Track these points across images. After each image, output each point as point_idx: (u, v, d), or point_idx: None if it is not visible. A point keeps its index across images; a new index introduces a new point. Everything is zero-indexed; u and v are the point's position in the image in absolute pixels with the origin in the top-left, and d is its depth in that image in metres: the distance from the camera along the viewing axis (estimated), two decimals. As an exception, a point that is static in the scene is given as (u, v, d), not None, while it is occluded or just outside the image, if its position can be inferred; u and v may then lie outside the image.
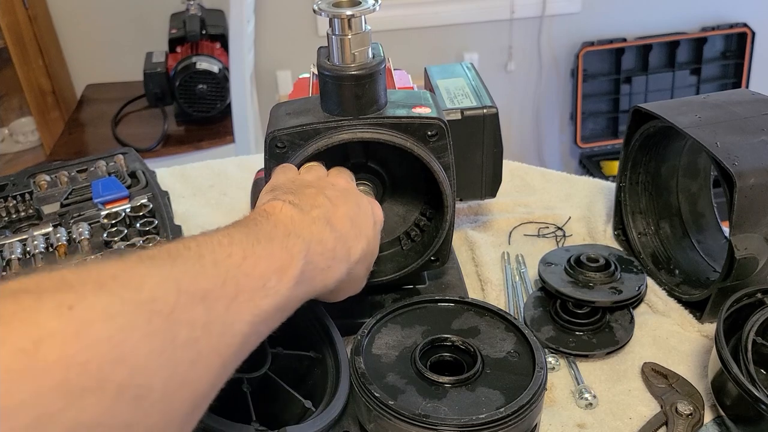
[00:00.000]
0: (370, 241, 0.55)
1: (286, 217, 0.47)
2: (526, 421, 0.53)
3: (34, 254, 0.78)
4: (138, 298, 0.32)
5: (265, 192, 0.55)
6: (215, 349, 0.35)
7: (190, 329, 0.33)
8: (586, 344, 0.68)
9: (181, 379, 0.32)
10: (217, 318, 0.35)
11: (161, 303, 0.33)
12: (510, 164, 1.02)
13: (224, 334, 0.36)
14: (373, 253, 0.57)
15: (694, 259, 0.81)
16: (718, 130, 0.69)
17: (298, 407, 0.54)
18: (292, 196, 0.51)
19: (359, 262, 0.53)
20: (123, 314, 0.31)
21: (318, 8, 0.58)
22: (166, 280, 0.34)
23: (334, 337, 0.60)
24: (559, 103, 2.61)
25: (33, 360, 0.26)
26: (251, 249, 0.41)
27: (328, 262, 0.48)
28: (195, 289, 0.35)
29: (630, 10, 2.45)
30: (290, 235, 0.45)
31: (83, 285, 0.31)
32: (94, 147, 1.93)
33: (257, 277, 0.40)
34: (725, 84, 2.54)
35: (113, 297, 0.31)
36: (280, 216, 0.47)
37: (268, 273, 0.41)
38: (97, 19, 2.27)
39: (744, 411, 0.55)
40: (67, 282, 0.31)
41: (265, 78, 2.40)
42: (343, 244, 0.51)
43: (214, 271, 0.37)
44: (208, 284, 0.36)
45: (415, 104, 0.63)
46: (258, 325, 0.39)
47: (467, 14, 2.41)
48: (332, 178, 0.58)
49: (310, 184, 0.55)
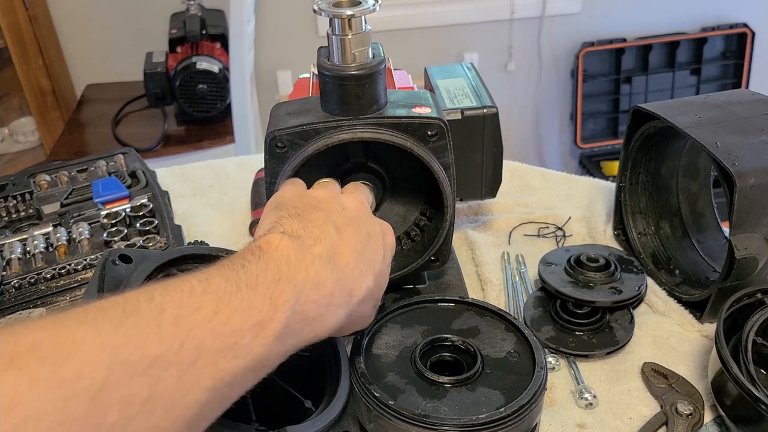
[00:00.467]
0: (378, 276, 0.50)
1: (281, 256, 0.42)
2: (526, 421, 0.53)
3: (34, 254, 0.78)
4: (56, 376, 0.27)
5: (269, 209, 0.51)
6: (157, 425, 0.30)
7: (124, 407, 0.29)
8: (586, 344, 0.69)
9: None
10: (164, 391, 0.31)
11: (86, 380, 0.28)
12: (510, 164, 1.02)
13: (172, 407, 0.31)
14: (380, 288, 0.52)
15: (694, 259, 0.81)
16: (718, 130, 0.69)
17: (298, 407, 0.54)
18: (297, 222, 0.47)
19: (363, 301, 0.48)
20: (31, 400, 0.26)
21: (318, 8, 0.58)
22: (100, 348, 0.29)
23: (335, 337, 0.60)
24: (559, 103, 2.61)
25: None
26: (227, 299, 0.36)
27: (321, 310, 0.43)
28: (138, 357, 0.30)
29: (630, 10, 2.45)
30: (279, 281, 0.40)
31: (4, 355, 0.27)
32: (94, 147, 1.93)
33: (227, 335, 0.34)
34: (725, 84, 2.54)
35: (22, 377, 0.26)
36: (274, 255, 0.42)
37: (242, 329, 0.35)
38: (97, 19, 2.27)
39: (744, 411, 0.55)
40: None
41: (265, 78, 2.40)
42: (343, 287, 0.45)
43: (171, 330, 0.32)
44: (159, 349, 0.31)
45: (415, 104, 0.63)
46: (221, 390, 0.34)
47: (467, 14, 2.41)
48: (345, 199, 0.54)
49: (318, 206, 0.51)
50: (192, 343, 0.32)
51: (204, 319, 0.34)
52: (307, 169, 0.61)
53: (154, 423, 0.30)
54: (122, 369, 0.29)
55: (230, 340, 0.34)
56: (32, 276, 0.74)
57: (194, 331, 0.33)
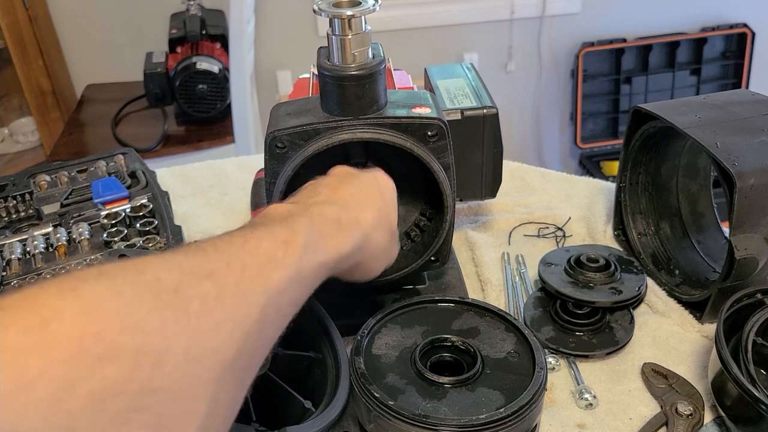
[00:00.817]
0: (381, 208, 0.54)
1: (283, 209, 0.48)
2: (526, 422, 0.53)
3: (34, 254, 0.78)
4: (141, 279, 0.32)
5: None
6: (232, 319, 0.35)
7: (202, 301, 0.34)
8: (586, 344, 0.69)
9: (202, 346, 0.33)
10: (228, 291, 0.36)
11: (166, 282, 0.33)
12: (510, 164, 1.02)
13: (239, 305, 0.36)
14: (389, 218, 0.56)
15: (694, 260, 0.81)
16: (718, 130, 0.69)
17: (298, 407, 0.54)
18: (290, 198, 0.52)
19: (375, 229, 0.53)
20: (128, 292, 0.31)
21: (318, 8, 0.58)
22: (168, 263, 0.35)
23: (334, 337, 0.60)
24: (559, 103, 2.61)
25: (43, 335, 0.27)
26: (251, 234, 0.41)
27: (334, 229, 0.48)
28: (199, 270, 0.35)
29: (630, 10, 2.45)
30: (289, 218, 0.46)
31: (85, 273, 0.31)
32: (94, 147, 1.93)
33: (261, 254, 0.40)
34: (725, 84, 2.54)
35: (116, 279, 0.31)
36: (275, 212, 0.47)
37: (273, 249, 0.41)
38: (97, 19, 2.27)
39: (744, 411, 0.55)
40: (68, 275, 0.31)
41: (265, 78, 2.40)
42: (347, 213, 0.50)
43: (216, 255, 0.38)
44: (212, 266, 0.36)
45: (415, 104, 0.63)
46: (274, 298, 0.39)
47: (467, 14, 2.40)
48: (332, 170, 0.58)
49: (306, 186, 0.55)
50: (236, 262, 0.38)
51: (238, 246, 0.39)
52: (307, 170, 0.61)
53: (228, 316, 0.35)
54: (190, 275, 0.35)
55: (265, 257, 0.40)
56: (32, 276, 0.74)
57: (233, 255, 0.38)
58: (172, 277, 0.34)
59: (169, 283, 0.33)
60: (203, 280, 0.35)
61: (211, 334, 0.33)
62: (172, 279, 0.33)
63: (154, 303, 0.31)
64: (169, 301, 0.32)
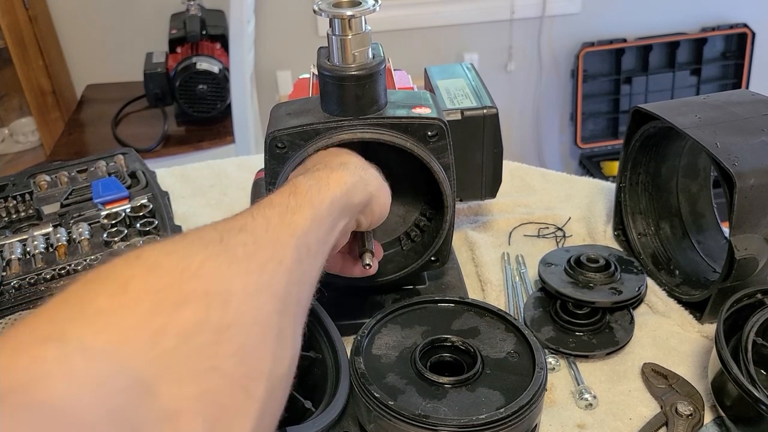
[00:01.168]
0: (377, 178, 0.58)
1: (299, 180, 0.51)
2: (526, 422, 0.53)
3: (34, 254, 0.78)
4: (185, 240, 0.38)
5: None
6: (273, 258, 0.40)
7: (244, 247, 0.38)
8: (586, 345, 0.68)
9: (256, 284, 0.37)
10: (262, 238, 0.41)
11: (208, 237, 0.38)
12: (510, 164, 1.02)
13: (274, 247, 0.40)
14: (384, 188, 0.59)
15: (694, 260, 0.81)
16: (718, 130, 0.69)
17: (298, 407, 0.54)
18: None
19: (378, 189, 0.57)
20: (179, 249, 0.36)
21: (318, 8, 0.58)
22: (203, 227, 0.40)
23: (334, 337, 0.60)
24: (559, 103, 2.61)
25: (127, 295, 0.32)
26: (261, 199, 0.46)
27: (328, 171, 0.53)
28: (232, 226, 0.40)
29: (630, 10, 2.45)
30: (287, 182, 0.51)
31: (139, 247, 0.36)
32: (94, 147, 1.93)
33: (276, 206, 0.45)
34: (725, 84, 2.54)
35: (164, 244, 0.36)
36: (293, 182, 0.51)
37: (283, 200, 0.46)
38: (97, 19, 2.27)
39: (744, 411, 0.55)
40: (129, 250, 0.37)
41: (265, 78, 2.40)
42: (333, 160, 0.56)
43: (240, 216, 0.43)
44: (240, 222, 0.41)
45: (415, 104, 0.63)
46: (301, 238, 0.43)
47: (467, 14, 2.40)
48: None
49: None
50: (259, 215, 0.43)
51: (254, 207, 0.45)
52: None
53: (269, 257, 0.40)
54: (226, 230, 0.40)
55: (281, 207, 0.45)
56: (32, 276, 0.74)
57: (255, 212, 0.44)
58: (213, 233, 0.39)
59: (211, 238, 0.38)
60: (238, 233, 0.40)
61: (261, 272, 0.38)
62: (212, 235, 0.38)
63: (206, 253, 0.36)
64: (218, 250, 0.37)
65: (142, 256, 0.34)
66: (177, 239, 0.37)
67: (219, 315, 0.34)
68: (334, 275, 0.63)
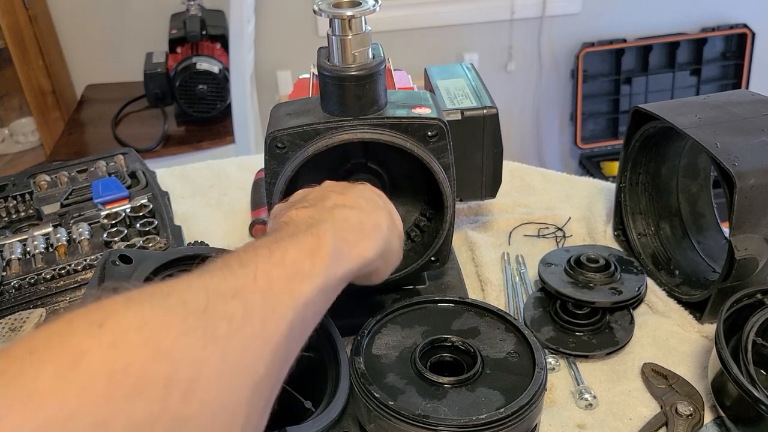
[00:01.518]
0: (391, 212, 0.55)
1: (304, 215, 0.47)
2: (526, 422, 0.53)
3: (34, 254, 0.78)
4: (167, 303, 0.33)
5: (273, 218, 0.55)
6: (261, 336, 0.35)
7: (229, 321, 0.34)
8: (586, 345, 0.68)
9: (233, 369, 0.33)
10: (255, 308, 0.36)
11: (192, 304, 0.33)
12: (510, 164, 1.02)
13: (267, 320, 0.36)
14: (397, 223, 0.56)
15: (694, 260, 0.81)
16: (718, 130, 0.69)
17: (298, 407, 0.54)
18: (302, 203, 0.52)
19: (391, 231, 0.52)
20: (155, 318, 0.31)
21: (318, 9, 0.58)
22: (192, 285, 0.35)
23: (334, 337, 0.60)
24: (559, 103, 2.61)
25: (76, 375, 0.28)
26: (276, 245, 0.41)
27: (358, 235, 0.48)
28: (225, 289, 0.36)
29: (630, 10, 2.45)
30: (313, 225, 0.45)
31: (112, 302, 0.32)
32: (94, 147, 1.93)
33: (288, 265, 0.40)
34: (725, 85, 2.54)
35: (142, 306, 0.32)
36: (297, 219, 0.47)
37: (300, 259, 0.40)
38: (97, 19, 2.27)
39: (744, 412, 0.55)
40: (96, 303, 0.32)
41: (265, 78, 2.40)
42: (367, 217, 0.50)
43: (242, 271, 0.38)
44: (238, 283, 0.36)
45: (415, 105, 0.63)
46: (301, 311, 0.39)
47: (467, 14, 2.40)
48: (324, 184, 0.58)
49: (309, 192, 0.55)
50: (262, 276, 0.37)
51: (264, 258, 0.39)
52: (307, 170, 0.61)
53: (257, 334, 0.35)
54: (216, 295, 0.35)
55: (292, 269, 0.40)
56: (32, 276, 0.74)
57: (260, 268, 0.38)
58: (199, 299, 0.34)
59: (195, 305, 0.33)
60: (230, 300, 0.35)
61: (241, 354, 0.33)
62: (198, 301, 0.33)
63: (182, 327, 0.32)
64: (197, 324, 0.32)
65: (108, 325, 0.30)
66: (157, 303, 0.32)
67: (178, 407, 0.30)
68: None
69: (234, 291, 0.35)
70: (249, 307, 0.35)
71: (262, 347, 0.35)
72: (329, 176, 0.63)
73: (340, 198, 0.52)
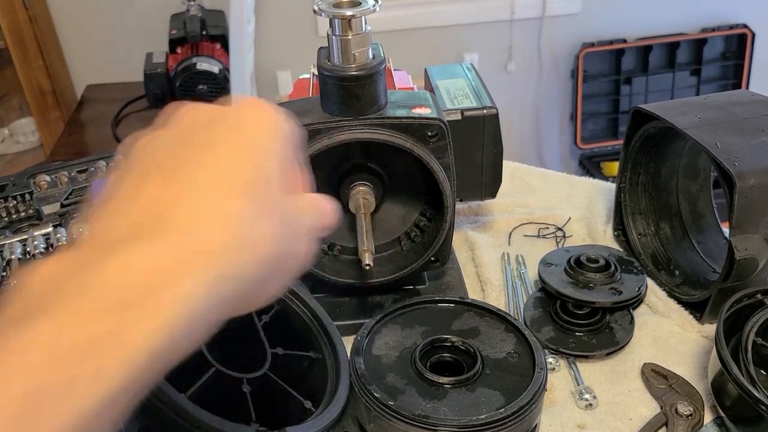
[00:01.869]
0: (246, 186, 0.31)
1: (47, 273, 0.27)
2: (526, 422, 0.53)
3: (34, 254, 0.78)
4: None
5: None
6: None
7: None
8: (586, 345, 0.68)
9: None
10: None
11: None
12: (510, 165, 1.02)
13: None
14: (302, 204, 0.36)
15: (694, 260, 0.81)
16: (718, 130, 0.69)
17: (298, 407, 0.54)
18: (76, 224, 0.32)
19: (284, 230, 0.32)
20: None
21: (318, 9, 0.58)
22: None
23: (334, 337, 0.60)
24: (559, 103, 2.61)
25: None
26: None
27: (164, 287, 0.26)
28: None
29: (630, 10, 2.45)
30: (39, 311, 0.25)
31: None
32: (94, 147, 1.93)
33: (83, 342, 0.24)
34: (725, 85, 2.54)
35: None
36: (32, 285, 0.26)
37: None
38: (97, 19, 2.27)
39: (744, 412, 0.55)
40: None
41: (265, 78, 2.40)
42: (213, 235, 0.28)
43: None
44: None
45: (415, 105, 0.63)
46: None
47: (467, 14, 2.41)
48: (170, 113, 0.34)
49: (131, 156, 0.32)
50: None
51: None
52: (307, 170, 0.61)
53: None
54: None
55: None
56: (32, 276, 0.74)
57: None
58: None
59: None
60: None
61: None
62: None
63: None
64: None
65: None
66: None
67: None
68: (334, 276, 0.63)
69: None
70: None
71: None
72: (329, 176, 0.63)
73: (160, 192, 0.29)
